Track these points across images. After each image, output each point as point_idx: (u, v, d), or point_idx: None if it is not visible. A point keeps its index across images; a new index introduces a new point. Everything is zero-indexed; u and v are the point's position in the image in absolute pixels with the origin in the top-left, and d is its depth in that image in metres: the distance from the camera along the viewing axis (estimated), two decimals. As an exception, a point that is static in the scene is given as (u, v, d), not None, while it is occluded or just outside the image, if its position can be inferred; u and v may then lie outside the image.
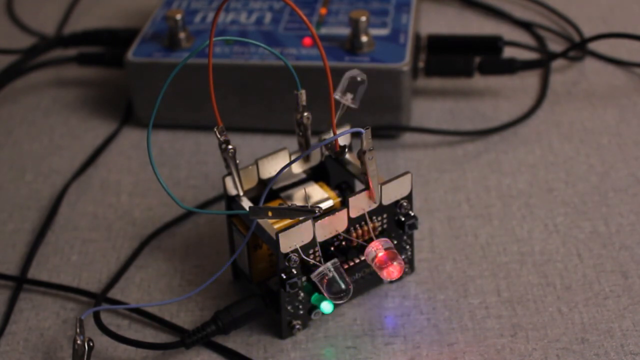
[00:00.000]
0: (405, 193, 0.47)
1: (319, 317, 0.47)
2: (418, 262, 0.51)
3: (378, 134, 0.60)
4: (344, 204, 0.45)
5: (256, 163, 0.48)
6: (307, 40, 0.61)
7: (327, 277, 0.44)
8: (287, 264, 0.44)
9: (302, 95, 0.46)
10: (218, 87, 0.49)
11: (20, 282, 0.51)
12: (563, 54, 0.64)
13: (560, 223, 0.53)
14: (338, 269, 0.44)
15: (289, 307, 0.46)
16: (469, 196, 0.55)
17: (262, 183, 0.48)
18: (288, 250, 0.43)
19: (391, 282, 0.49)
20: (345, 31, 0.62)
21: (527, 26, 0.72)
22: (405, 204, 0.47)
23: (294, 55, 0.60)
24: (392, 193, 0.46)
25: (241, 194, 0.47)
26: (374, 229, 0.47)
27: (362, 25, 0.59)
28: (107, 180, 0.59)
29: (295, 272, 0.44)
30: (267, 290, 0.47)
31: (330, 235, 0.45)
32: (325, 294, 0.44)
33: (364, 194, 0.45)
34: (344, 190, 0.51)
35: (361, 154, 0.43)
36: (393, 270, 0.44)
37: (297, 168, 0.49)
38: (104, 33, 0.68)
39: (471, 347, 0.46)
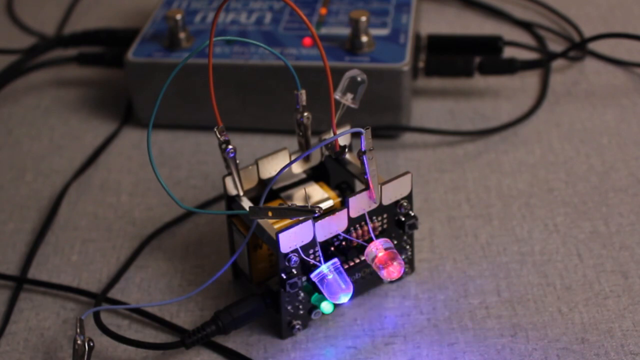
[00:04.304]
0: (405, 193, 0.47)
1: (319, 317, 0.47)
2: (418, 262, 0.51)
3: (378, 134, 0.60)
4: (344, 204, 0.45)
5: (256, 163, 0.48)
6: (307, 40, 0.61)
7: (327, 277, 0.44)
8: (287, 264, 0.44)
9: (302, 95, 0.46)
10: (218, 87, 0.49)
11: (20, 282, 0.51)
12: (563, 54, 0.64)
13: (560, 223, 0.53)
14: (338, 269, 0.44)
15: (289, 307, 0.46)
16: (469, 196, 0.55)
17: (262, 183, 0.48)
18: (288, 250, 0.43)
19: (391, 282, 0.49)
20: (345, 31, 0.62)
21: (527, 26, 0.72)
22: (405, 204, 0.47)
23: (294, 55, 0.60)
24: (392, 193, 0.46)
25: (241, 194, 0.47)
26: (374, 229, 0.47)
27: (362, 25, 0.59)
28: (107, 180, 0.59)
29: (295, 272, 0.44)
30: (267, 290, 0.47)
31: (330, 235, 0.45)
32: (325, 294, 0.44)
33: (364, 194, 0.45)
34: (344, 190, 0.51)
35: (361, 154, 0.43)
36: (393, 270, 0.44)
37: (297, 168, 0.49)
38: (104, 33, 0.68)
39: (471, 347, 0.46)
